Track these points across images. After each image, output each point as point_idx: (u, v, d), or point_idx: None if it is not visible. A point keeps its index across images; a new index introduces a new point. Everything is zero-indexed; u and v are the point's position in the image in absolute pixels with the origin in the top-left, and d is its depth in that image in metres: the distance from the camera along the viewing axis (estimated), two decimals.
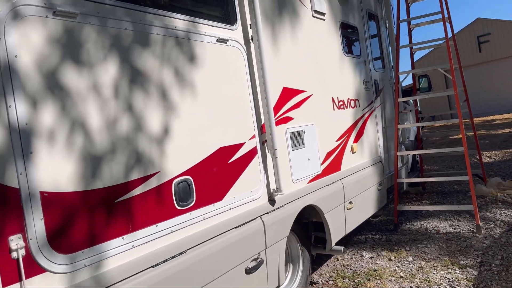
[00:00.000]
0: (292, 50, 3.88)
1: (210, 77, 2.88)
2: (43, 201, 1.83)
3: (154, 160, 2.37)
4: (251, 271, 2.99)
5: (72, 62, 2.02)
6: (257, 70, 3.32)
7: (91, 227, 2.01)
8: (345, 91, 4.77)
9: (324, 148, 4.21)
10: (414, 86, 7.32)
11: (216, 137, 2.87)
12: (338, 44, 4.73)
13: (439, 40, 6.37)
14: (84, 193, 1.99)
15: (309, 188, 3.86)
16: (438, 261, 4.44)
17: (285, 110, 3.69)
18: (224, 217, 2.88)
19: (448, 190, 7.41)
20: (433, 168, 9.73)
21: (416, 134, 7.53)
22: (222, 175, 2.88)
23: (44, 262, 1.81)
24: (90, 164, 2.04)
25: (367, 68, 5.44)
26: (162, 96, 2.48)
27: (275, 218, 3.31)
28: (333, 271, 4.56)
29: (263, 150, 3.33)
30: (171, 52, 2.59)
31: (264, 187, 3.30)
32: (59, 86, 1.96)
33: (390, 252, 4.86)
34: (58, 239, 1.87)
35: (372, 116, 5.42)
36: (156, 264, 2.28)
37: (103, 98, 2.14)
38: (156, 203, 2.36)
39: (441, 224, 5.67)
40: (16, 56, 1.80)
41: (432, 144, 13.85)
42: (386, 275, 4.25)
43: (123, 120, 2.22)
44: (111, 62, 2.21)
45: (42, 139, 1.86)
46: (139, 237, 2.23)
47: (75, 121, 2.00)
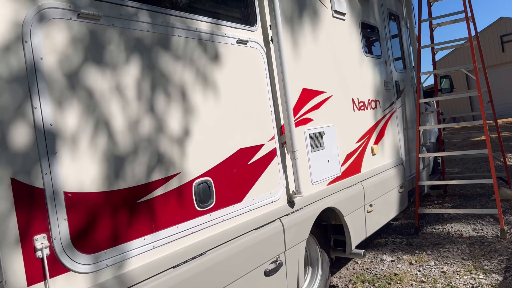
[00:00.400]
0: (312, 50, 3.85)
1: (230, 79, 2.88)
2: (67, 201, 1.85)
3: (175, 161, 2.38)
4: (270, 274, 2.97)
5: (95, 64, 2.05)
6: (277, 71, 3.30)
7: (113, 228, 2.02)
8: (365, 92, 4.72)
9: (344, 150, 4.16)
10: (435, 87, 7.18)
11: (236, 139, 2.87)
12: (358, 44, 4.68)
13: (462, 40, 6.24)
14: (107, 194, 2.01)
15: (328, 190, 3.82)
16: (461, 266, 4.34)
17: (305, 111, 3.66)
18: (244, 218, 2.87)
19: (470, 193, 7.25)
20: (454, 171, 9.53)
21: (438, 136, 7.39)
22: (242, 177, 2.88)
23: (68, 262, 1.83)
24: (113, 165, 2.05)
25: (387, 68, 5.37)
26: (183, 98, 2.49)
27: (294, 220, 3.29)
28: (352, 274, 4.50)
29: (283, 152, 3.31)
30: (192, 54, 2.59)
31: (284, 189, 3.28)
32: (83, 87, 1.98)
33: (411, 256, 4.77)
34: (81, 239, 1.89)
35: (393, 117, 5.34)
36: (177, 265, 2.29)
37: (125, 100, 2.16)
38: (176, 204, 2.37)
39: (463, 228, 5.54)
40: (41, 58, 1.83)
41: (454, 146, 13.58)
42: (407, 280, 4.17)
43: (145, 121, 2.24)
44: (134, 64, 2.23)
45: (66, 140, 1.89)
46: (160, 237, 2.24)
47: (98, 122, 2.02)
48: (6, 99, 1.71)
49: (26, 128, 1.76)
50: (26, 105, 1.77)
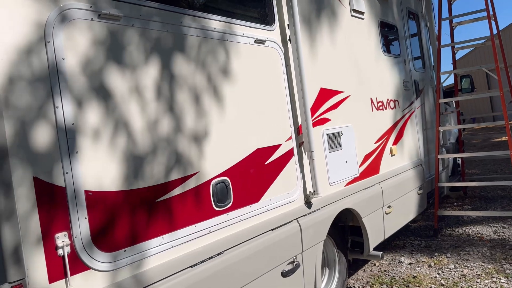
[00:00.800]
0: (330, 50, 3.82)
1: (247, 78, 2.87)
2: (88, 200, 1.87)
3: (192, 161, 2.39)
4: (287, 274, 2.96)
5: (115, 64, 2.06)
6: (295, 71, 3.28)
7: (132, 226, 2.04)
8: (384, 92, 4.66)
9: (362, 150, 4.11)
10: (456, 87, 7.05)
11: (253, 139, 2.86)
12: (377, 43, 4.62)
13: (483, 39, 6.11)
14: (126, 193, 2.02)
15: (346, 191, 3.78)
16: (481, 269, 4.24)
17: (322, 111, 3.63)
18: (261, 218, 2.86)
19: (491, 196, 7.09)
20: (474, 172, 9.35)
21: (458, 136, 7.25)
22: (259, 177, 2.87)
23: (88, 260, 1.85)
24: (132, 164, 2.07)
25: (406, 68, 5.29)
26: (201, 98, 2.50)
27: (311, 221, 3.26)
28: (370, 276, 4.45)
29: (300, 152, 3.29)
30: (210, 54, 2.60)
31: (301, 189, 3.26)
32: (103, 87, 2.00)
33: (430, 259, 4.69)
34: (101, 238, 1.91)
35: (412, 118, 5.26)
36: (194, 264, 2.29)
37: (144, 100, 2.17)
38: (194, 203, 2.37)
39: (484, 230, 5.42)
40: (63, 58, 1.86)
41: (474, 147, 13.32)
42: (426, 282, 4.10)
43: (163, 121, 2.25)
44: (153, 63, 2.24)
45: (87, 139, 1.91)
46: (178, 236, 2.25)
47: (118, 122, 2.04)
48: (28, 99, 1.74)
49: (48, 127, 1.79)
50: (48, 105, 1.80)
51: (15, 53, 1.72)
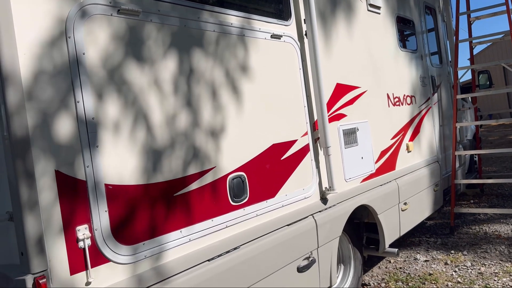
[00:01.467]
0: (346, 45, 3.78)
1: (263, 74, 2.86)
2: (108, 193, 1.90)
3: (210, 155, 2.40)
4: (303, 270, 2.95)
5: (134, 59, 2.08)
6: (311, 66, 3.26)
7: (151, 220, 2.06)
8: (400, 87, 4.60)
9: (378, 146, 4.08)
10: (473, 83, 6.93)
11: (269, 134, 2.86)
12: (393, 38, 4.57)
13: (501, 34, 5.99)
14: (145, 186, 2.04)
15: (362, 187, 3.76)
16: (499, 267, 4.18)
17: (338, 107, 3.61)
18: (277, 214, 2.86)
19: (508, 193, 6.97)
20: (491, 170, 9.20)
21: (474, 133, 7.14)
22: (275, 172, 2.87)
23: (108, 253, 1.87)
24: (152, 158, 2.09)
25: (423, 63, 5.22)
26: (218, 93, 2.50)
27: (327, 217, 3.25)
28: (385, 273, 4.42)
29: (316, 148, 3.28)
30: (227, 49, 2.60)
31: (316, 185, 3.25)
32: (123, 82, 2.02)
33: (446, 256, 4.64)
34: (121, 231, 1.93)
35: (429, 114, 5.20)
36: (212, 258, 2.31)
37: (163, 94, 2.18)
38: (211, 197, 2.38)
39: (502, 228, 5.34)
40: (84, 53, 1.88)
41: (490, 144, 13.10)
42: (442, 280, 4.06)
43: (181, 116, 2.26)
44: (171, 58, 2.25)
45: (107, 133, 1.93)
46: (196, 230, 2.26)
47: (137, 116, 2.06)
48: (50, 93, 1.76)
49: (69, 121, 1.81)
50: (69, 99, 1.82)
51: (37, 48, 1.74)
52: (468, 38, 6.29)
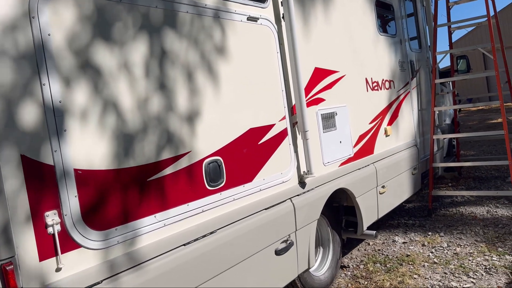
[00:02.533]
0: (325, 29, 3.76)
1: (240, 57, 2.83)
2: (77, 178, 1.86)
3: (184, 140, 2.37)
4: (281, 253, 2.98)
5: (103, 40, 2.02)
6: (288, 50, 3.24)
7: (124, 205, 2.03)
8: (379, 72, 4.62)
9: (356, 131, 4.10)
10: (452, 68, 7.01)
11: (246, 118, 2.84)
12: (372, 23, 4.56)
13: (480, 18, 6.04)
14: (117, 171, 2.01)
15: (340, 171, 3.79)
16: (474, 248, 4.29)
17: (317, 91, 3.60)
18: (254, 198, 2.86)
19: (485, 176, 7.14)
20: (469, 153, 9.38)
21: (453, 117, 7.25)
22: (252, 157, 2.86)
23: (79, 238, 1.84)
24: (123, 143, 2.05)
25: (402, 48, 5.24)
26: (192, 76, 2.46)
27: (305, 200, 3.27)
28: (364, 255, 4.49)
29: (294, 132, 3.28)
30: (201, 31, 2.55)
31: (295, 169, 3.25)
32: (92, 64, 1.96)
33: (423, 238, 4.74)
34: (92, 216, 1.90)
35: (408, 98, 5.24)
36: (187, 243, 2.30)
37: (134, 77, 2.13)
38: (187, 182, 2.36)
39: (477, 210, 5.47)
40: (49, 34, 1.81)
41: (469, 128, 13.35)
42: (419, 261, 4.15)
43: (154, 100, 2.22)
44: (142, 41, 2.20)
45: (75, 117, 1.88)
46: (171, 215, 2.25)
47: (108, 99, 2.01)
48: (14, 76, 1.70)
49: (35, 105, 1.76)
50: (34, 82, 1.76)
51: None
52: (446, 22, 6.33)
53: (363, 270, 4.13)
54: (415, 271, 3.94)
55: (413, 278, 3.82)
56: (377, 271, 4.05)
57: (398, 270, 4.00)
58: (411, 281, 3.75)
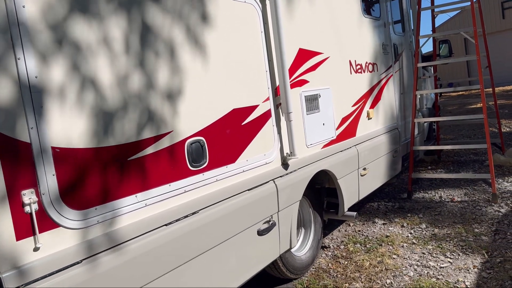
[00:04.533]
0: (309, 9, 3.72)
1: (223, 36, 2.78)
2: (55, 156, 1.81)
3: (166, 119, 2.33)
4: (263, 233, 2.99)
5: (81, 14, 1.95)
6: (273, 30, 3.20)
7: (104, 184, 1.99)
8: (363, 55, 4.62)
9: (339, 113, 4.11)
10: (434, 52, 7.07)
11: (230, 99, 2.81)
12: (357, 4, 4.54)
13: (463, 2, 6.07)
14: (96, 150, 1.96)
15: (323, 153, 3.80)
16: (451, 229, 4.40)
17: (301, 72, 3.58)
18: (237, 179, 2.85)
19: (464, 160, 7.29)
20: (449, 137, 9.56)
21: (434, 101, 7.34)
22: (235, 137, 2.84)
23: (57, 217, 1.81)
24: (102, 121, 2.00)
25: (386, 31, 5.24)
26: (174, 54, 2.41)
27: (288, 182, 3.28)
28: (344, 236, 4.56)
29: (277, 113, 3.26)
30: (184, 7, 2.48)
31: (278, 151, 3.25)
32: (70, 38, 1.89)
33: (403, 219, 4.84)
34: (71, 195, 1.86)
35: (390, 82, 5.27)
36: (169, 223, 2.28)
37: (114, 53, 2.07)
38: (169, 162, 2.33)
39: (456, 192, 5.60)
40: (23, 6, 1.74)
41: (449, 113, 13.56)
42: (398, 241, 4.24)
43: (135, 77, 2.16)
44: (122, 16, 2.13)
45: (53, 94, 1.82)
46: (152, 195, 2.22)
47: (87, 76, 1.95)
48: None
49: (10, 80, 1.69)
50: (8, 56, 1.69)
51: None
52: (430, 6, 6.34)
53: (344, 250, 4.20)
54: (394, 251, 4.03)
55: (392, 258, 3.90)
56: (357, 251, 4.12)
57: (378, 250, 4.08)
58: (390, 261, 3.83)
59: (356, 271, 3.74)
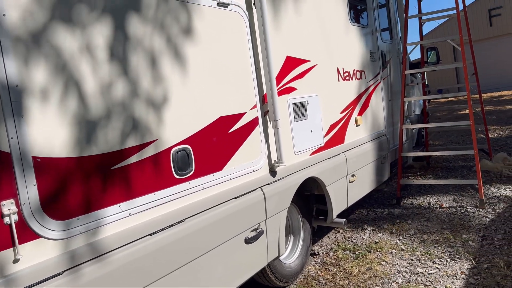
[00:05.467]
0: (296, 17, 3.74)
1: (210, 43, 2.78)
2: (36, 166, 1.78)
3: (151, 128, 2.31)
4: (250, 241, 2.97)
5: (64, 21, 1.93)
6: (260, 37, 3.21)
7: (86, 194, 1.97)
8: (350, 62, 4.65)
9: (327, 120, 4.13)
10: (422, 59, 7.15)
11: (216, 106, 2.80)
12: (344, 12, 4.57)
13: (449, 10, 6.16)
14: (79, 159, 1.94)
15: (311, 160, 3.81)
16: (440, 235, 4.42)
17: (288, 80, 3.59)
18: (224, 187, 2.83)
19: (452, 165, 7.35)
20: (438, 143, 9.64)
21: (422, 108, 7.41)
22: (222, 145, 2.83)
23: (38, 228, 1.78)
24: (85, 130, 1.98)
25: (374, 38, 5.29)
26: (159, 62, 2.40)
27: (276, 189, 3.27)
28: (334, 243, 4.56)
29: (265, 121, 3.26)
30: (169, 15, 2.48)
31: (265, 158, 3.24)
32: (51, 47, 1.88)
33: (391, 226, 4.85)
34: (53, 205, 1.84)
35: (378, 89, 5.31)
36: (154, 232, 2.26)
37: (97, 61, 2.06)
38: (154, 171, 2.31)
39: (444, 198, 5.63)
40: (4, 14, 1.72)
41: (438, 119, 13.70)
42: (387, 248, 4.24)
43: (118, 85, 2.15)
44: (105, 23, 2.11)
45: (34, 102, 1.80)
46: (136, 205, 2.20)
47: (68, 84, 1.93)
48: None
49: None
50: None
51: None
52: (417, 14, 6.42)
53: (333, 257, 4.19)
54: (383, 258, 4.03)
55: (381, 265, 3.90)
56: (346, 258, 4.12)
57: (367, 257, 4.08)
58: (379, 268, 3.83)
59: (345, 278, 3.73)
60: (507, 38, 23.70)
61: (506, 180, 6.09)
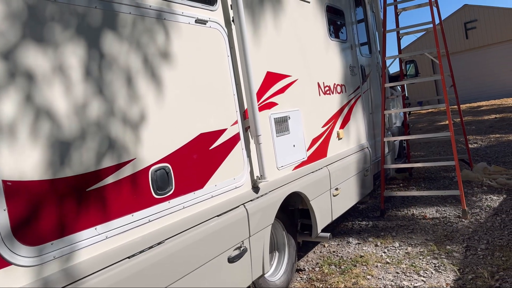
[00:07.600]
0: (276, 33, 3.76)
1: (188, 60, 2.76)
2: (6, 190, 1.72)
3: (128, 147, 2.26)
4: (234, 260, 2.92)
5: (35, 42, 1.89)
6: (239, 53, 3.20)
7: (60, 218, 1.90)
8: (331, 76, 4.68)
9: (309, 134, 4.13)
10: (401, 72, 7.26)
11: (196, 123, 2.77)
12: (323, 28, 4.62)
13: (426, 24, 6.29)
14: (52, 182, 1.87)
15: (294, 175, 3.79)
16: (424, 247, 4.43)
17: (269, 95, 3.59)
18: (206, 205, 2.78)
19: (434, 176, 7.42)
20: (420, 155, 9.75)
21: (403, 120, 7.50)
22: (203, 162, 2.79)
23: (8, 255, 1.70)
24: (58, 151, 1.92)
25: (353, 53, 5.35)
26: (137, 80, 2.36)
27: (259, 205, 3.23)
28: (319, 257, 4.52)
29: (246, 137, 3.24)
30: (146, 33, 2.46)
31: (248, 174, 3.21)
32: (22, 67, 1.82)
33: (376, 238, 4.84)
34: (24, 230, 1.76)
35: (359, 102, 5.35)
36: (132, 255, 2.19)
37: (71, 81, 2.01)
38: (131, 191, 2.25)
39: (427, 209, 5.66)
40: None
41: (419, 130, 13.90)
42: (373, 261, 4.22)
43: (93, 105, 2.10)
44: (79, 43, 2.08)
45: (3, 125, 1.74)
46: (113, 227, 2.13)
47: (40, 105, 1.87)
48: None
49: None
50: None
51: None
52: (395, 28, 6.54)
53: (319, 272, 4.15)
54: (368, 271, 4.00)
55: (367, 279, 3.87)
56: (332, 273, 4.08)
57: (352, 271, 4.05)
58: (364, 282, 3.80)
59: None
60: (483, 50, 24.36)
61: (487, 189, 6.17)
